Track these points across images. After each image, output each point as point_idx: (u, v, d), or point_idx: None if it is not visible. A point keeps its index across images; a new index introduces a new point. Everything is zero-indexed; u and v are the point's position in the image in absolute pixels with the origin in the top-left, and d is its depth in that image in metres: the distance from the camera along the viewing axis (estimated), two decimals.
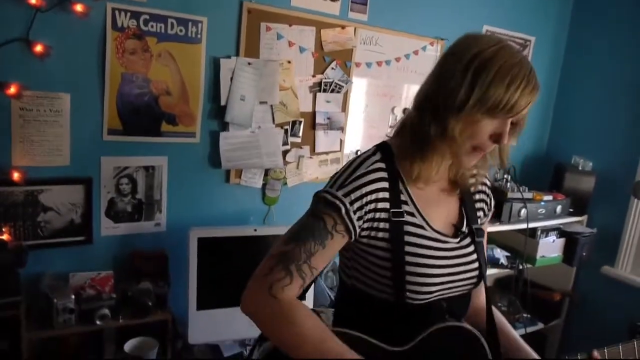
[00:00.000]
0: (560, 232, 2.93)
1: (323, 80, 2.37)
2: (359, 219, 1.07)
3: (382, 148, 1.15)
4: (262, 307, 1.02)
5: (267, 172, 2.33)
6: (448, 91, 1.04)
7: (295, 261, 1.02)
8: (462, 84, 1.02)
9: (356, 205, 1.06)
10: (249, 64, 2.17)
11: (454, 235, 1.17)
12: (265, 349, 1.12)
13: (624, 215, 2.92)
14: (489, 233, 2.80)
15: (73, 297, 1.84)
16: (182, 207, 2.19)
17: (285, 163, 2.35)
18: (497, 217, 2.70)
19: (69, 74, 1.87)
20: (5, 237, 1.82)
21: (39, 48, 1.79)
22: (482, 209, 1.26)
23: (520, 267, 2.79)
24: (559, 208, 2.89)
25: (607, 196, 2.98)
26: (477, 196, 1.25)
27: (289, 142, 2.35)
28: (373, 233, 1.10)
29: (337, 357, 0.99)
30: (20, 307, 1.73)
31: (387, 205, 1.09)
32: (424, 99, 1.10)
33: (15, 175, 1.82)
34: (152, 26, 1.97)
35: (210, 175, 2.23)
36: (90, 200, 1.98)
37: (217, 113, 2.17)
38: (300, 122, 2.36)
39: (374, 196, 1.07)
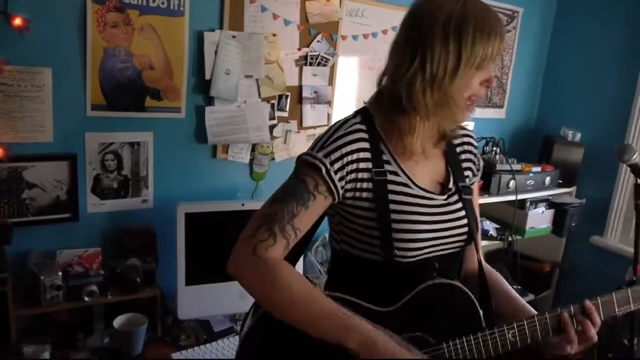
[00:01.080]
0: (549, 203, 2.95)
1: (309, 54, 2.35)
2: (341, 179, 1.09)
3: (362, 112, 1.17)
4: (247, 268, 1.05)
5: (254, 147, 2.32)
6: (436, 61, 1.05)
7: (279, 222, 1.05)
8: (448, 50, 1.04)
9: (337, 165, 1.08)
10: (233, 37, 2.14)
11: (441, 193, 1.18)
12: (257, 315, 1.12)
13: (612, 185, 2.93)
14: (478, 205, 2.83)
15: (60, 274, 1.83)
16: (169, 183, 2.17)
17: (273, 138, 2.34)
18: (485, 189, 2.70)
19: (50, 48, 1.84)
20: None
21: (17, 21, 1.75)
22: (470, 169, 1.27)
23: (510, 238, 2.80)
24: (547, 179, 2.90)
25: (595, 167, 3.00)
26: (464, 156, 1.26)
27: (276, 117, 2.34)
28: (357, 194, 1.11)
29: (329, 315, 1.00)
30: (7, 284, 1.72)
31: (369, 165, 1.11)
32: (403, 72, 1.09)
33: None
34: None
35: (196, 151, 2.21)
36: (75, 177, 1.96)
37: (202, 87, 2.15)
38: (287, 96, 2.34)
39: (354, 156, 1.09)
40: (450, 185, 1.20)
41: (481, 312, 1.14)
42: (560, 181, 3.01)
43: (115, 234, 2.08)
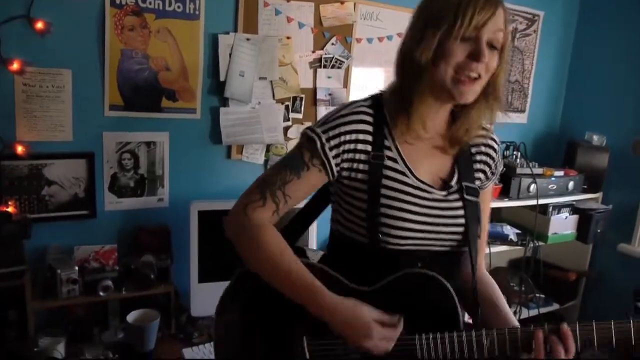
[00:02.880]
0: (574, 208, 2.87)
1: (323, 56, 2.38)
2: (336, 156, 1.10)
3: (375, 97, 1.17)
4: (235, 224, 1.13)
5: (268, 148, 2.34)
6: (411, 32, 1.09)
7: (271, 186, 1.11)
8: (421, 29, 1.05)
9: (333, 142, 1.10)
10: (248, 39, 2.19)
11: (441, 189, 1.16)
12: (237, 273, 1.22)
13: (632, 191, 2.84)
14: (498, 209, 2.78)
15: (77, 268, 1.89)
16: (184, 182, 2.22)
17: (287, 139, 2.36)
18: (505, 193, 2.66)
19: (70, 50, 1.92)
20: (10, 209, 1.88)
21: (39, 25, 1.84)
22: (484, 172, 1.23)
23: (532, 244, 2.73)
24: (571, 184, 2.82)
25: (622, 172, 2.91)
26: (479, 157, 1.22)
27: (290, 118, 2.36)
28: (353, 174, 1.13)
29: (295, 279, 1.07)
30: (25, 277, 1.78)
31: (368, 147, 1.11)
32: (399, 58, 1.13)
33: (19, 149, 1.87)
34: (150, 3, 2.01)
35: (211, 151, 2.25)
36: (93, 175, 2.02)
37: (217, 89, 2.19)
38: (301, 98, 2.36)
39: (353, 136, 1.10)
40: (453, 183, 1.17)
41: (461, 312, 1.09)
42: (584, 186, 2.93)
43: (132, 231, 2.12)
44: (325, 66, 2.39)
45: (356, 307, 1.06)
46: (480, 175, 1.22)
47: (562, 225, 2.83)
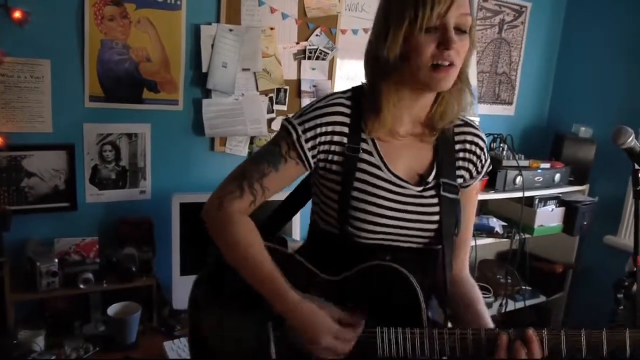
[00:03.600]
0: (560, 201, 2.88)
1: (307, 48, 2.36)
2: (312, 148, 1.11)
3: (355, 89, 1.16)
4: (211, 215, 1.14)
5: (252, 140, 2.33)
6: (375, 30, 1.08)
7: (248, 178, 1.11)
8: (385, 26, 1.04)
9: (309, 134, 1.10)
10: (230, 30, 2.17)
11: (417, 184, 1.14)
12: (210, 261, 1.25)
13: (626, 183, 2.84)
14: (484, 201, 2.78)
15: (56, 260, 1.87)
16: (167, 174, 2.20)
17: (271, 131, 2.34)
18: (491, 185, 2.65)
19: (49, 40, 1.89)
20: None
21: (17, 14, 1.81)
22: (467, 169, 1.20)
23: (517, 236, 2.73)
24: (557, 176, 2.82)
25: (608, 164, 2.91)
26: (462, 154, 1.19)
27: (274, 110, 2.35)
28: (328, 165, 1.13)
29: (260, 271, 1.09)
30: (4, 269, 1.76)
31: (344, 139, 1.11)
32: (366, 58, 1.13)
33: None
34: None
35: (194, 143, 2.23)
36: (73, 167, 2.01)
37: (200, 80, 2.18)
38: (285, 89, 2.35)
39: (330, 128, 1.10)
40: (430, 179, 1.15)
41: (424, 308, 1.07)
42: (571, 179, 2.93)
43: (113, 223, 2.11)
44: (309, 57, 2.37)
45: (315, 310, 1.06)
46: (464, 173, 1.19)
47: (548, 217, 2.83)
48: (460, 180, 1.19)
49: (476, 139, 1.19)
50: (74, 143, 2.00)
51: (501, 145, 2.81)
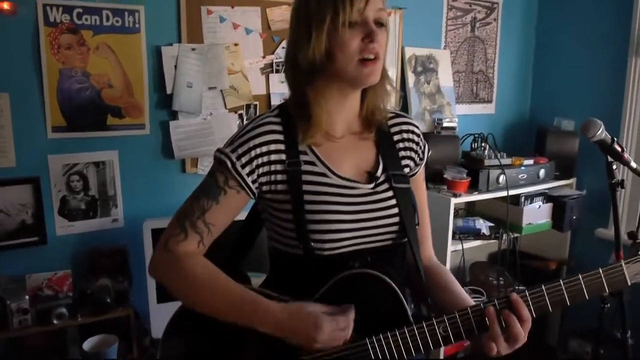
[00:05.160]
0: (547, 197, 2.82)
1: (274, 61, 2.32)
2: (250, 173, 1.06)
3: (281, 105, 1.15)
4: (159, 262, 1.08)
5: None
6: (295, 37, 1.07)
7: (189, 217, 1.06)
8: (299, 21, 1.05)
9: (244, 159, 1.06)
10: (193, 49, 2.14)
11: (368, 182, 1.12)
12: (175, 311, 1.13)
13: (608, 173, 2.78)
14: (470, 203, 2.73)
15: (27, 297, 1.83)
16: (139, 201, 2.16)
17: None
18: (474, 186, 2.60)
19: (5, 73, 1.86)
20: None
21: None
22: (411, 158, 1.20)
23: (505, 236, 2.67)
24: (542, 172, 2.77)
25: (594, 156, 2.83)
26: (402, 144, 1.19)
27: None
28: (273, 187, 1.09)
29: (234, 300, 1.03)
30: None
31: (282, 156, 1.08)
32: (285, 59, 1.12)
33: None
34: (86, 19, 1.96)
35: (165, 167, 2.20)
36: (40, 200, 1.97)
37: (165, 102, 2.14)
38: (255, 105, 2.31)
39: (264, 149, 1.07)
40: (379, 173, 1.13)
41: (406, 303, 1.05)
42: (557, 173, 2.87)
43: (86, 255, 2.06)
44: (277, 71, 2.34)
45: (302, 306, 1.02)
46: (408, 162, 1.20)
47: (536, 214, 2.77)
48: (407, 170, 1.19)
49: (411, 127, 1.21)
50: (39, 176, 1.96)
51: (482, 144, 2.76)
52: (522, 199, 2.73)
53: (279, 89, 2.35)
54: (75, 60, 1.95)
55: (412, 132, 1.21)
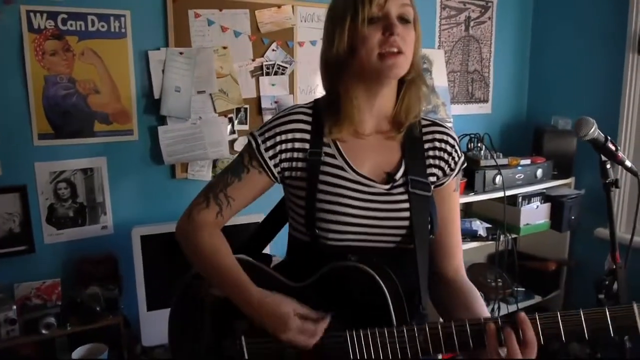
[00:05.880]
0: (545, 197, 2.78)
1: (264, 63, 2.30)
2: (273, 156, 1.13)
3: (318, 99, 1.20)
4: (180, 227, 1.18)
5: (215, 164, 2.26)
6: (325, 36, 1.13)
7: (213, 189, 1.16)
8: (332, 29, 1.08)
9: (268, 143, 1.13)
10: (181, 53, 2.11)
11: (385, 182, 1.13)
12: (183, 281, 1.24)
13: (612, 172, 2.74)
14: (467, 204, 2.69)
15: (14, 307, 1.81)
16: (129, 207, 2.14)
17: (233, 152, 2.27)
18: (470, 187, 2.57)
19: None
20: None
21: None
22: (439, 166, 1.18)
23: (502, 237, 2.63)
24: (539, 172, 2.73)
25: (591, 155, 2.78)
26: (432, 152, 1.18)
27: (236, 131, 2.28)
28: (293, 173, 1.15)
29: (225, 273, 1.11)
30: None
31: (305, 145, 1.13)
32: (320, 58, 1.15)
33: None
34: (71, 25, 1.93)
35: (154, 172, 2.17)
36: (27, 208, 1.94)
37: (153, 107, 2.12)
38: (245, 108, 2.28)
39: (290, 136, 1.13)
40: (398, 176, 1.13)
41: (391, 305, 1.03)
42: (555, 172, 2.83)
43: (76, 262, 2.04)
44: (267, 73, 2.31)
45: (278, 301, 1.07)
46: (435, 170, 1.18)
47: (534, 215, 2.73)
48: (432, 179, 1.18)
49: (445, 137, 1.19)
50: (25, 184, 1.94)
51: (478, 145, 2.73)
52: (520, 200, 2.69)
53: (270, 92, 2.33)
54: (60, 66, 1.93)
55: (446, 142, 1.19)
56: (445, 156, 1.18)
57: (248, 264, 1.16)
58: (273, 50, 2.30)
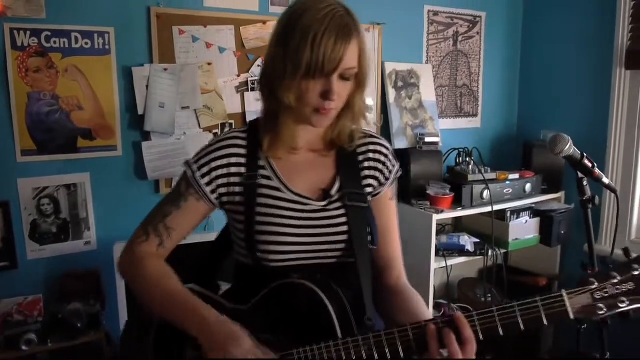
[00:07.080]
0: (534, 211, 2.76)
1: (249, 79, 2.31)
2: (209, 183, 1.13)
3: (252, 122, 1.20)
4: (122, 262, 1.17)
5: None
6: (272, 65, 1.07)
7: (152, 221, 1.16)
8: (278, 54, 1.04)
9: (203, 170, 1.12)
10: (165, 69, 2.12)
11: (321, 199, 1.15)
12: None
13: (602, 188, 2.72)
14: (455, 219, 2.68)
15: None
16: (112, 223, 2.14)
17: None
18: (457, 202, 2.56)
19: None
20: None
21: None
22: (374, 177, 1.21)
23: (490, 252, 2.62)
24: (528, 186, 2.72)
25: None
26: (367, 164, 1.20)
27: None
28: (231, 198, 1.14)
29: (172, 298, 1.07)
30: None
31: (241, 170, 1.13)
32: (261, 76, 1.13)
33: None
34: (55, 42, 1.95)
35: (138, 188, 2.18)
36: (10, 224, 1.95)
37: (137, 123, 2.13)
38: (230, 124, 2.29)
39: (225, 161, 1.12)
40: (334, 192, 1.15)
41: (335, 318, 1.03)
42: (544, 187, 2.82)
43: (58, 278, 2.04)
44: (252, 89, 2.32)
45: (229, 322, 1.02)
46: (371, 181, 1.20)
47: (523, 230, 2.72)
48: (369, 189, 1.20)
49: (379, 147, 1.22)
50: (8, 200, 1.95)
51: (467, 159, 2.72)
52: (508, 214, 2.68)
53: (255, 107, 2.33)
54: (44, 83, 1.95)
55: (379, 152, 1.22)
56: (380, 166, 1.21)
57: (196, 293, 1.12)
58: (258, 66, 2.31)
